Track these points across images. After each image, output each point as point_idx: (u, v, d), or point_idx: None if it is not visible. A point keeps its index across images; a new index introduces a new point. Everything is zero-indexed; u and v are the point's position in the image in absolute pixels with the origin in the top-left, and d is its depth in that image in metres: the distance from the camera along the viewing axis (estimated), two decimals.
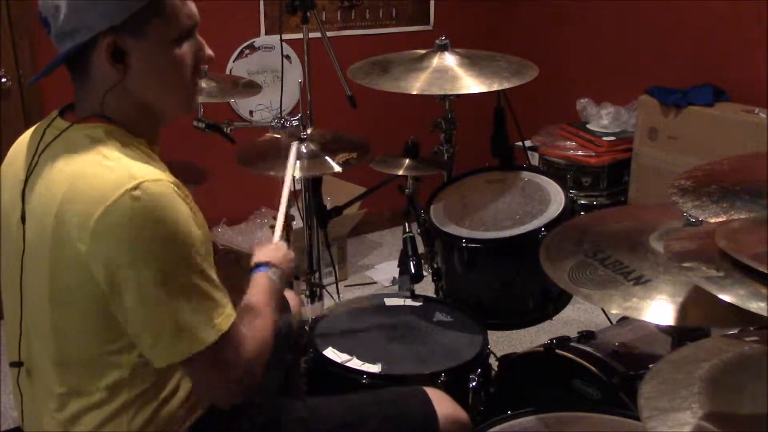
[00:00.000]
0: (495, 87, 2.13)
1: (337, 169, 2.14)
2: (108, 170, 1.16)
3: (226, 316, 1.21)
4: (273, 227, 1.70)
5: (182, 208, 1.17)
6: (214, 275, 1.22)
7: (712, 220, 1.21)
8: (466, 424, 1.54)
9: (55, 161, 1.21)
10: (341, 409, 1.48)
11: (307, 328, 1.88)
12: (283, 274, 1.50)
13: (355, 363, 1.72)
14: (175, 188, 1.18)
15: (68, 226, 1.15)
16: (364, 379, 1.68)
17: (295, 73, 3.48)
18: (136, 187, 1.13)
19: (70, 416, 1.26)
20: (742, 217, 1.20)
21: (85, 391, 1.24)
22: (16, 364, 1.31)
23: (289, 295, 1.76)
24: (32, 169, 1.23)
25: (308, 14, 2.33)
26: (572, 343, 1.86)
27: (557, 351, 1.82)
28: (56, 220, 1.16)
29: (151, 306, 1.15)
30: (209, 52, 1.31)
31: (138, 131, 1.27)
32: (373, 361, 1.72)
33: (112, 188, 1.13)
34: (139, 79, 1.23)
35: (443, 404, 1.52)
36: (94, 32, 1.18)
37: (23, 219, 1.22)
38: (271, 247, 1.55)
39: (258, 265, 1.48)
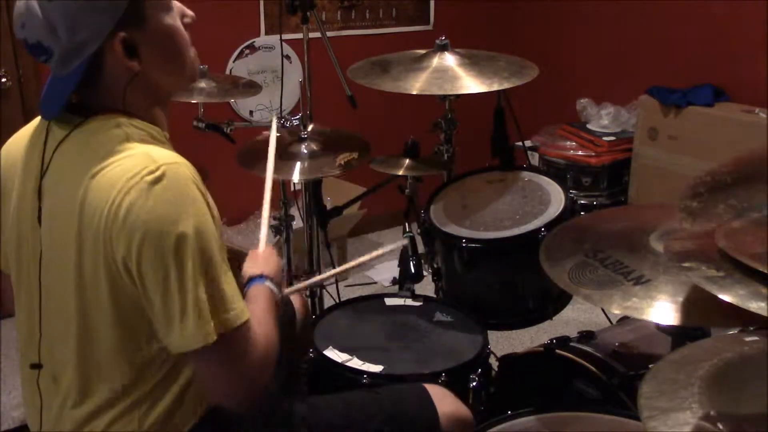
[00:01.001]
0: (495, 87, 2.13)
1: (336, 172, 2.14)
2: (128, 157, 1.14)
3: (240, 311, 1.18)
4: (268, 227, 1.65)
5: (198, 195, 1.15)
6: (228, 270, 1.19)
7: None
8: (468, 421, 1.54)
9: (71, 158, 1.18)
10: (342, 409, 1.48)
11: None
12: (278, 283, 1.45)
13: (356, 363, 1.72)
14: (192, 174, 1.17)
15: (93, 220, 1.13)
16: (365, 379, 1.67)
17: (295, 73, 3.48)
18: (157, 169, 1.12)
19: (85, 415, 1.25)
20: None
21: (98, 390, 1.24)
22: (36, 366, 1.29)
23: (294, 296, 1.76)
24: (46, 169, 1.21)
25: (308, 14, 2.33)
26: (572, 343, 1.86)
27: (557, 351, 1.82)
28: (80, 218, 1.14)
29: (168, 291, 1.12)
30: (189, 12, 1.28)
31: (151, 119, 1.25)
32: (373, 361, 1.72)
33: (133, 172, 1.12)
34: (152, 65, 1.22)
35: (445, 402, 1.52)
36: (103, 36, 1.15)
37: (39, 221, 1.20)
38: (263, 257, 1.50)
39: (253, 278, 1.42)
